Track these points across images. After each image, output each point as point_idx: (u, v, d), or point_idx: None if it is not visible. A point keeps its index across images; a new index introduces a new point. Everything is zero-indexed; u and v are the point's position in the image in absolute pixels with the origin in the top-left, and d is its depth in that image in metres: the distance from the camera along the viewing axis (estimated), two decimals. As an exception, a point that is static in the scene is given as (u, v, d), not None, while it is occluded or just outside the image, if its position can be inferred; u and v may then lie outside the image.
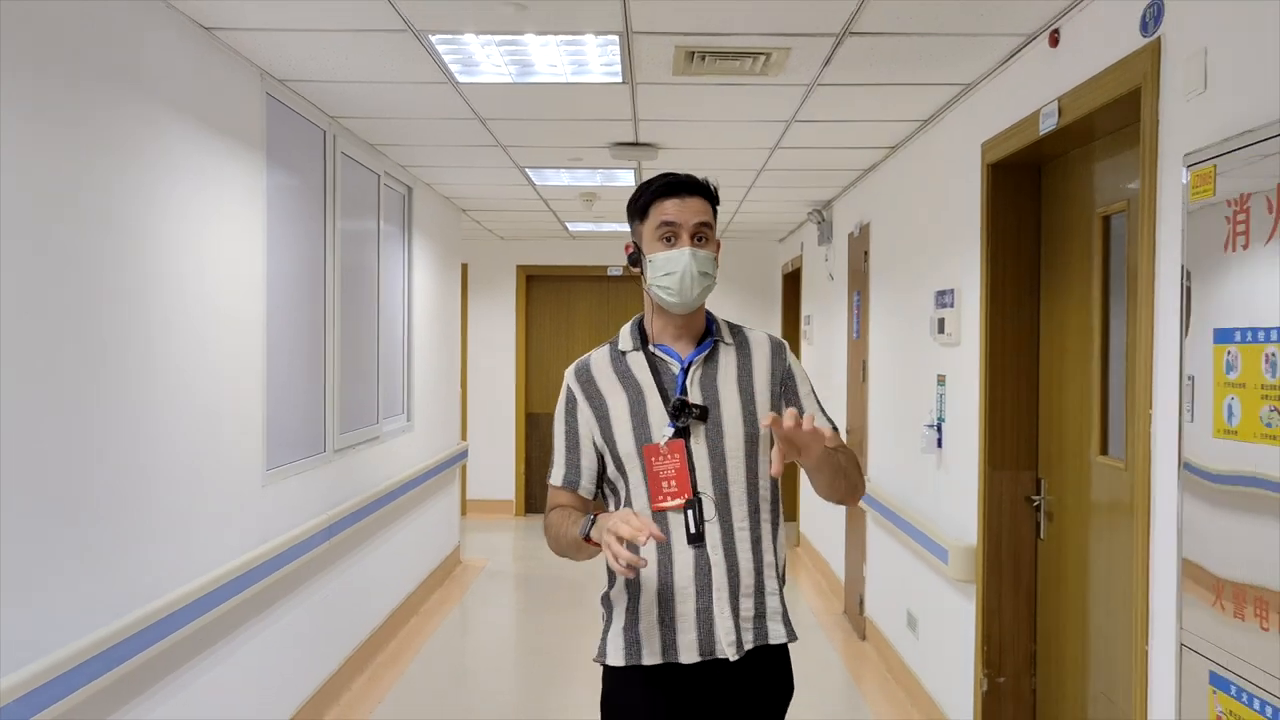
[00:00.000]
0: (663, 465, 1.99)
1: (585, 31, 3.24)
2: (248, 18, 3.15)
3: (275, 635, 3.91)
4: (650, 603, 2.01)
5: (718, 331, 2.12)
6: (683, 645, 1.99)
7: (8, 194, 2.28)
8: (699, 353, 2.07)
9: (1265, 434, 1.93)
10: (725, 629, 1.98)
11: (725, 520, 2.00)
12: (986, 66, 3.55)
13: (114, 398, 2.74)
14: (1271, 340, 1.92)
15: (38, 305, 2.41)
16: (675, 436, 1.99)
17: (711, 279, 2.05)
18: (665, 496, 1.98)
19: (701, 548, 1.98)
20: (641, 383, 2.06)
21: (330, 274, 4.51)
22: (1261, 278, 1.96)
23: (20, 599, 2.33)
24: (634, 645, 2.02)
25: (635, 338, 2.12)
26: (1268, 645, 1.93)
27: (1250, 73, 2.10)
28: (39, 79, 2.40)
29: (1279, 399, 1.89)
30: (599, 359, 2.13)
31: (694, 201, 2.03)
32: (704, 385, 2.05)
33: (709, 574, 1.98)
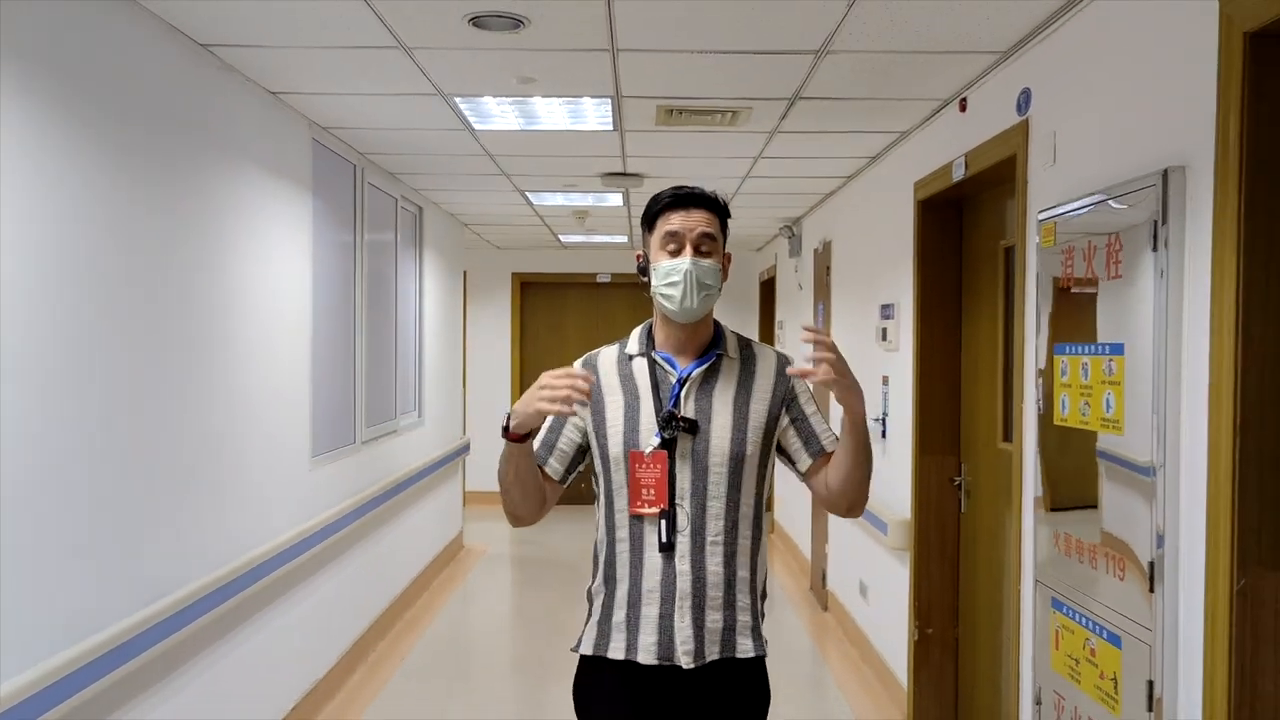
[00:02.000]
0: (645, 473, 2.03)
1: (583, 96, 3.96)
2: (305, 84, 3.85)
3: (319, 599, 4.61)
4: (622, 600, 2.08)
5: (724, 345, 2.15)
6: (642, 646, 2.05)
7: (131, 232, 2.99)
8: (698, 365, 2.10)
9: (1081, 420, 2.66)
10: (684, 637, 2.02)
11: (699, 533, 2.03)
12: (915, 121, 4.29)
13: (202, 393, 3.45)
14: (1083, 353, 2.65)
15: (146, 317, 3.11)
16: (661, 447, 2.02)
17: (713, 289, 2.07)
18: (644, 503, 2.03)
19: (670, 557, 2.03)
20: (640, 388, 2.10)
21: (359, 287, 5.22)
22: (1077, 309, 2.70)
23: (149, 549, 3.03)
24: (604, 638, 2.09)
25: (642, 342, 2.15)
26: (1080, 572, 2.67)
27: (1080, 155, 2.83)
28: (151, 139, 3.11)
29: (1088, 394, 2.63)
30: (607, 356, 2.17)
31: (699, 213, 2.07)
32: (699, 399, 2.07)
33: (674, 583, 2.03)
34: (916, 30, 3.11)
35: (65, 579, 2.59)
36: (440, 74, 3.66)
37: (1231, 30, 2.08)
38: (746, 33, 3.17)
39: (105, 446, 2.78)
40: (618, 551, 2.08)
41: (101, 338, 2.76)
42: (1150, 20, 2.46)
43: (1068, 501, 2.79)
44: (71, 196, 2.62)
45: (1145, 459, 2.36)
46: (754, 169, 5.49)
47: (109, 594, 2.79)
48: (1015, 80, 3.30)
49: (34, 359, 2.46)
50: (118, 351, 2.85)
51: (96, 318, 2.74)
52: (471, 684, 5.37)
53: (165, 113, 3.13)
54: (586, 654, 2.13)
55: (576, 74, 3.65)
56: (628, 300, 10.32)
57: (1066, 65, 2.95)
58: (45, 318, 2.51)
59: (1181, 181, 2.27)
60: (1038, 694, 2.95)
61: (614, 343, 2.21)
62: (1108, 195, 2.55)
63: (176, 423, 3.22)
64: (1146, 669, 2.34)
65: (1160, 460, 2.31)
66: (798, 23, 3.06)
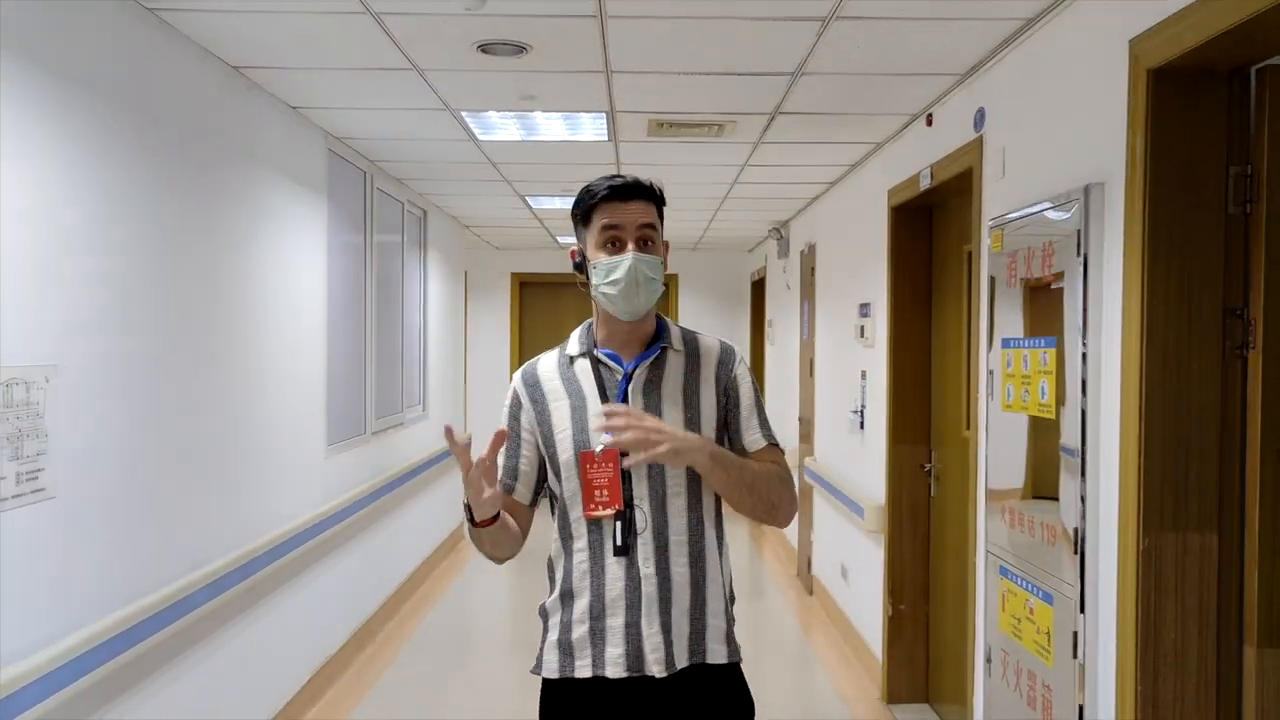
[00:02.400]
0: (596, 473, 1.94)
1: (580, 111, 4.29)
2: (324, 100, 4.17)
3: (333, 578, 4.94)
4: (583, 613, 1.97)
5: (667, 337, 2.05)
6: (610, 659, 1.94)
7: (174, 240, 3.31)
8: (642, 359, 2.01)
9: (1022, 407, 3.00)
10: (653, 644, 1.93)
11: (660, 533, 1.95)
12: (888, 133, 4.62)
13: (232, 385, 3.78)
14: (1023, 346, 2.99)
15: (185, 316, 3.44)
16: (612, 445, 1.91)
17: (658, 283, 1.98)
18: (597, 505, 1.94)
19: (632, 560, 1.94)
20: (584, 388, 2.01)
21: (369, 286, 5.54)
22: (1017, 308, 3.03)
23: (184, 527, 3.35)
24: (567, 657, 1.98)
25: (583, 342, 2.06)
26: (1021, 541, 3.00)
27: (1024, 169, 3.16)
28: (188, 151, 3.44)
29: (1028, 383, 2.96)
30: (547, 363, 2.08)
31: (637, 205, 1.95)
32: (646, 393, 1.99)
33: (638, 588, 1.94)
34: (882, 54, 3.44)
35: (121, 550, 2.92)
36: (449, 92, 3.99)
37: (1138, 67, 2.41)
38: (728, 56, 3.50)
39: (152, 433, 3.11)
40: (575, 563, 1.99)
41: (151, 336, 3.09)
42: (1077, 53, 2.79)
43: (1013, 479, 3.12)
44: (124, 205, 2.94)
45: (1072, 441, 2.70)
46: (741, 175, 5.82)
47: (155, 564, 3.12)
48: (973, 100, 3.63)
49: (96, 358, 2.78)
50: (163, 348, 3.18)
51: (147, 318, 3.07)
52: (473, 662, 5.70)
53: (201, 127, 3.46)
54: (550, 677, 2.01)
55: (574, 92, 3.98)
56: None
57: (1014, 88, 3.28)
58: (109, 320, 2.83)
59: (1100, 196, 2.60)
60: (988, 653, 3.28)
61: (552, 349, 2.11)
62: (1044, 206, 2.88)
63: (210, 412, 3.54)
64: (1073, 622, 2.67)
65: (1083, 441, 2.64)
66: (774, 48, 3.39)
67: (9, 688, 2.31)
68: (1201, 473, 2.38)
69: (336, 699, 4.75)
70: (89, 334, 2.75)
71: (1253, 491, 2.33)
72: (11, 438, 2.38)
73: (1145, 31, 2.39)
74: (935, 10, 2.97)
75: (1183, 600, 2.40)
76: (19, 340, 2.43)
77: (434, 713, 4.76)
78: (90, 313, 2.76)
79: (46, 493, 2.53)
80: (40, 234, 2.53)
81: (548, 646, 2.03)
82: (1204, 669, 2.39)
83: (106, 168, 2.84)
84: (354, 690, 4.90)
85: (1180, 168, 2.37)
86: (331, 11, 3.02)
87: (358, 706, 4.69)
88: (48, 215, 2.56)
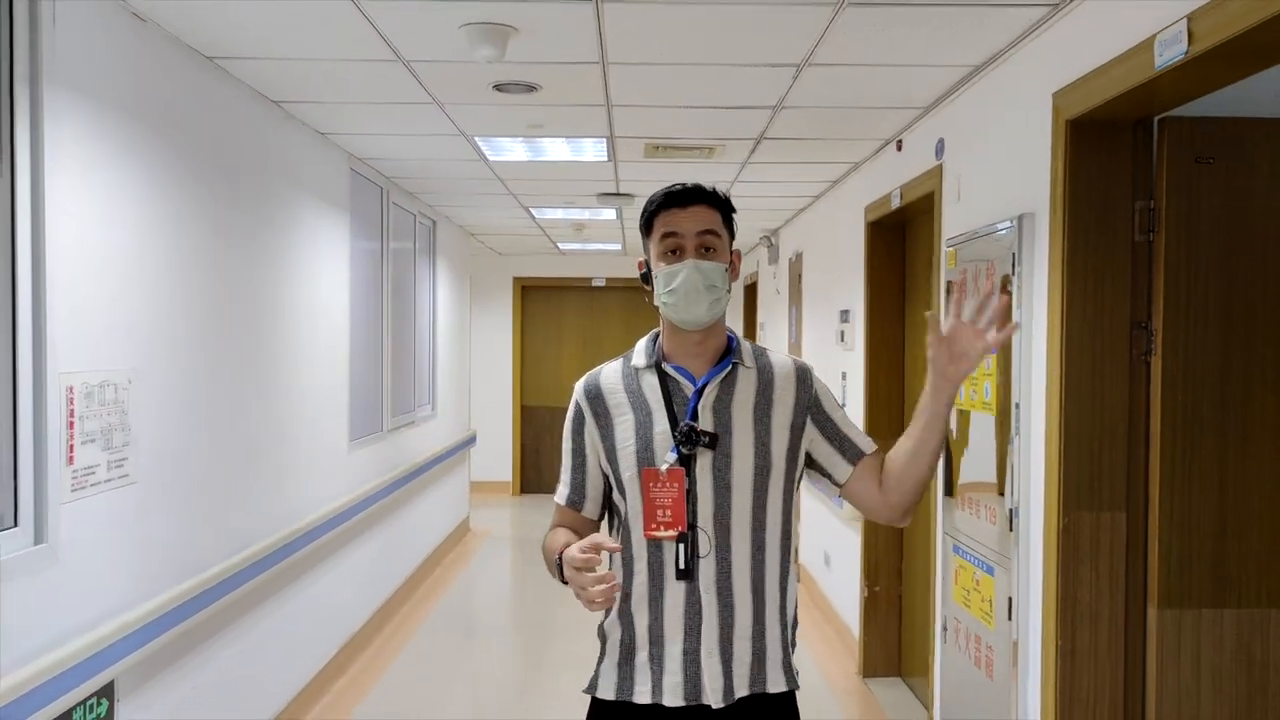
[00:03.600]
0: (659, 492, 1.87)
1: (583, 136, 4.72)
2: (349, 128, 4.60)
3: (355, 562, 5.37)
4: (643, 638, 1.92)
5: (738, 353, 1.99)
6: (668, 687, 1.89)
7: (222, 257, 3.75)
8: (715, 374, 1.95)
9: (971, 403, 3.43)
10: (712, 674, 1.88)
11: (724, 557, 1.88)
12: (863, 155, 5.05)
13: (271, 384, 4.20)
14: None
15: (233, 324, 3.87)
16: (678, 464, 1.87)
17: (721, 292, 1.92)
18: (659, 526, 1.88)
19: (693, 585, 1.88)
20: (651, 403, 1.94)
21: (385, 294, 5.97)
22: (969, 317, 3.46)
23: (227, 510, 3.78)
24: (627, 681, 1.93)
25: (650, 354, 2.00)
26: (970, 521, 3.44)
27: (975, 196, 3.60)
28: (234, 175, 3.87)
29: (975, 383, 3.39)
30: (610, 374, 2.02)
31: (698, 210, 1.93)
32: (717, 410, 1.92)
33: (699, 613, 1.88)
34: (853, 91, 3.87)
35: (185, 530, 3.34)
36: (464, 121, 4.42)
37: (1059, 117, 2.85)
38: (715, 93, 3.93)
39: (209, 428, 3.54)
40: (635, 583, 1.93)
41: (208, 343, 3.52)
42: (1014, 100, 3.22)
43: (967, 469, 3.55)
44: (186, 228, 3.37)
45: (1009, 433, 3.13)
46: (731, 190, 6.25)
47: (213, 543, 3.54)
48: (935, 130, 4.06)
49: (166, 363, 3.21)
50: (217, 354, 3.61)
51: (205, 327, 3.49)
52: (483, 641, 6.14)
53: (247, 156, 3.88)
54: (606, 698, 1.96)
55: (578, 121, 4.41)
56: (621, 302, 11.09)
57: (966, 124, 3.71)
58: (176, 330, 3.26)
59: (1031, 224, 3.03)
60: (944, 623, 3.71)
61: (615, 359, 2.05)
62: (988, 230, 3.32)
63: (254, 411, 3.97)
64: (1009, 588, 3.11)
65: (1017, 433, 3.08)
66: (756, 88, 3.82)
67: (105, 641, 2.73)
68: (1112, 460, 2.82)
69: (360, 674, 5.18)
70: (160, 342, 3.17)
71: (1154, 477, 2.76)
72: (104, 431, 2.81)
73: (1064, 87, 2.82)
74: (893, 59, 3.40)
75: (1096, 568, 2.83)
76: (107, 347, 2.85)
77: (448, 688, 5.20)
78: (161, 323, 3.18)
79: (130, 479, 2.96)
80: (121, 253, 2.95)
81: (605, 668, 1.98)
82: (1114, 625, 2.83)
83: (171, 200, 3.27)
84: (375, 665, 5.33)
85: (1094, 202, 2.80)
86: (367, 59, 3.44)
87: (379, 681, 5.12)
88: (127, 240, 2.99)
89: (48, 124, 2.54)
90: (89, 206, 2.76)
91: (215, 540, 3.58)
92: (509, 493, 11.15)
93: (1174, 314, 2.74)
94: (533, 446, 11.15)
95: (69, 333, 2.64)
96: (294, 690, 4.44)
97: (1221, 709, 2.77)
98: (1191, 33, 2.19)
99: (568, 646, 5.63)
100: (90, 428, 2.74)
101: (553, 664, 5.44)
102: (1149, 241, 2.79)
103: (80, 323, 2.70)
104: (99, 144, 2.81)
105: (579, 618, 2.74)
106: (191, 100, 3.40)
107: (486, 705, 5.04)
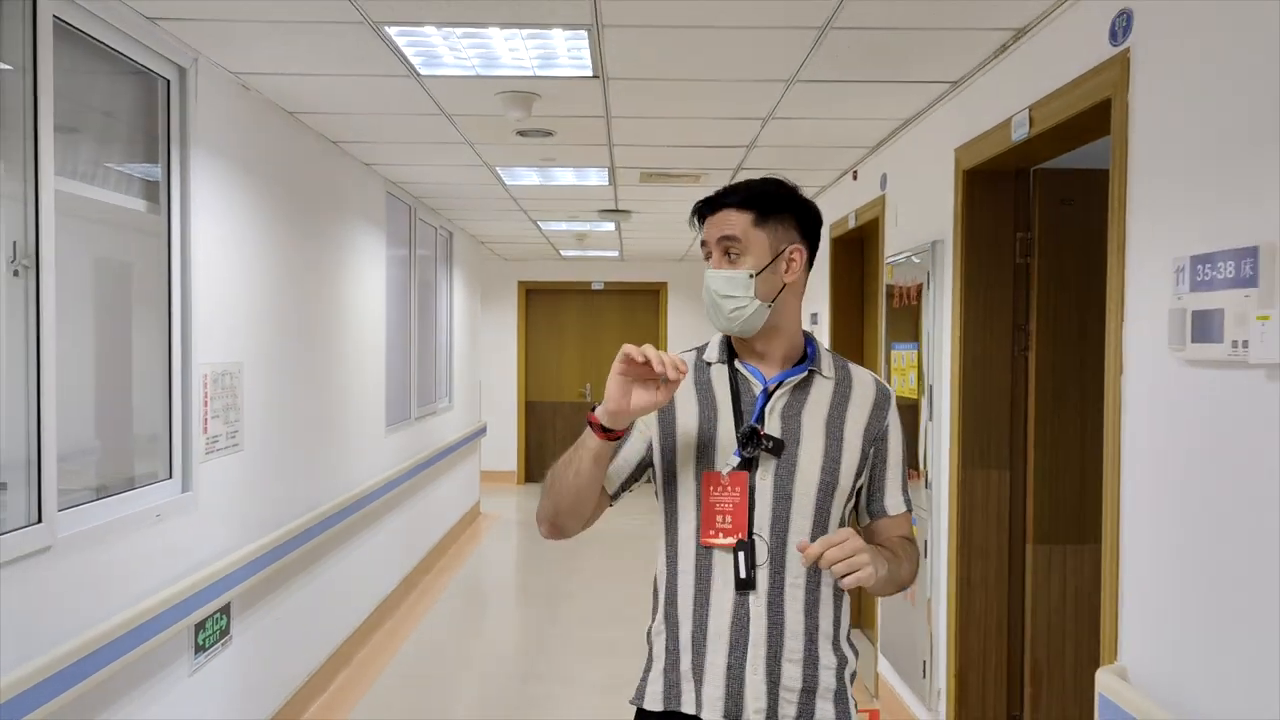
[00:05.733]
0: (720, 497, 1.78)
1: (588, 167, 5.58)
2: (389, 159, 5.45)
3: (388, 532, 6.22)
4: (686, 645, 1.82)
5: (816, 360, 1.88)
6: (707, 699, 1.79)
7: (298, 272, 4.60)
8: (786, 376, 1.84)
9: (902, 391, 4.29)
10: (754, 693, 1.77)
11: (778, 572, 1.77)
12: (827, 182, 5.91)
13: (330, 376, 5.05)
14: (901, 349, 4.27)
15: (303, 326, 4.71)
16: (740, 467, 1.78)
17: (742, 301, 1.79)
18: (717, 532, 1.77)
19: (745, 595, 1.77)
20: (718, 399, 1.85)
21: (412, 298, 6.81)
22: (901, 321, 4.32)
23: (301, 477, 4.61)
24: (672, 688, 1.83)
25: (722, 349, 1.90)
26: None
27: (908, 223, 4.44)
28: (304, 203, 4.71)
29: (904, 374, 4.24)
30: (684, 360, 1.82)
31: (723, 214, 1.85)
32: (785, 416, 1.82)
33: (746, 625, 1.78)
34: (812, 134, 4.72)
35: (275, 489, 4.18)
36: (489, 156, 5.27)
37: (958, 167, 3.70)
38: (699, 136, 4.78)
39: (289, 409, 4.38)
40: (680, 586, 1.83)
41: (289, 341, 4.36)
42: (930, 149, 4.07)
43: (896, 442, 4.42)
44: (273, 249, 4.21)
45: (926, 413, 3.98)
46: (717, 207, 7.09)
47: (289, 502, 4.39)
48: (880, 166, 4.91)
49: (261, 357, 4.05)
50: (294, 350, 4.45)
51: (286, 328, 4.33)
52: (497, 609, 7.00)
53: (311, 185, 4.73)
54: (654, 709, 1.84)
55: (584, 156, 5.26)
56: (619, 304, 11.93)
57: (902, 164, 4.56)
58: (267, 330, 4.10)
59: (941, 249, 3.88)
60: (884, 569, 4.56)
61: (690, 349, 1.94)
62: (911, 253, 4.17)
63: (319, 396, 4.82)
64: (926, 535, 3.96)
65: (933, 414, 3.93)
66: (732, 132, 4.66)
67: (221, 572, 3.57)
68: (998, 431, 3.67)
69: (393, 629, 6.03)
70: (256, 340, 4.01)
71: (1030, 443, 3.61)
72: (226, 409, 3.65)
73: (962, 145, 3.67)
74: (837, 114, 4.25)
75: (986, 514, 3.68)
76: (225, 344, 3.69)
77: (467, 645, 6.04)
78: (257, 325, 4.02)
79: (240, 447, 3.80)
80: (232, 271, 3.79)
81: (652, 676, 1.87)
82: (1000, 558, 3.68)
83: (263, 227, 4.11)
84: (405, 624, 6.18)
85: (985, 233, 3.65)
86: (418, 114, 4.29)
87: (408, 639, 5.96)
88: (236, 260, 3.83)
89: (192, 176, 3.39)
90: (215, 237, 3.61)
91: (296, 500, 4.42)
92: (514, 482, 11.99)
93: (1044, 319, 3.59)
94: (536, 439, 12.00)
95: (204, 333, 3.49)
96: (347, 632, 5.29)
97: (1081, 623, 3.62)
98: (1032, 119, 3.04)
99: (574, 609, 6.48)
100: (217, 406, 3.58)
101: (566, 620, 6.29)
102: (1027, 264, 3.64)
103: (210, 325, 3.55)
104: (220, 188, 3.65)
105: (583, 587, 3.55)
106: (276, 145, 4.24)
107: (504, 658, 5.89)
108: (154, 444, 3.34)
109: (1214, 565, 2.10)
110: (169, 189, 3.31)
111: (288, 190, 4.41)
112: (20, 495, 2.54)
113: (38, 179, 2.54)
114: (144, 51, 3.13)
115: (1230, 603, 2.04)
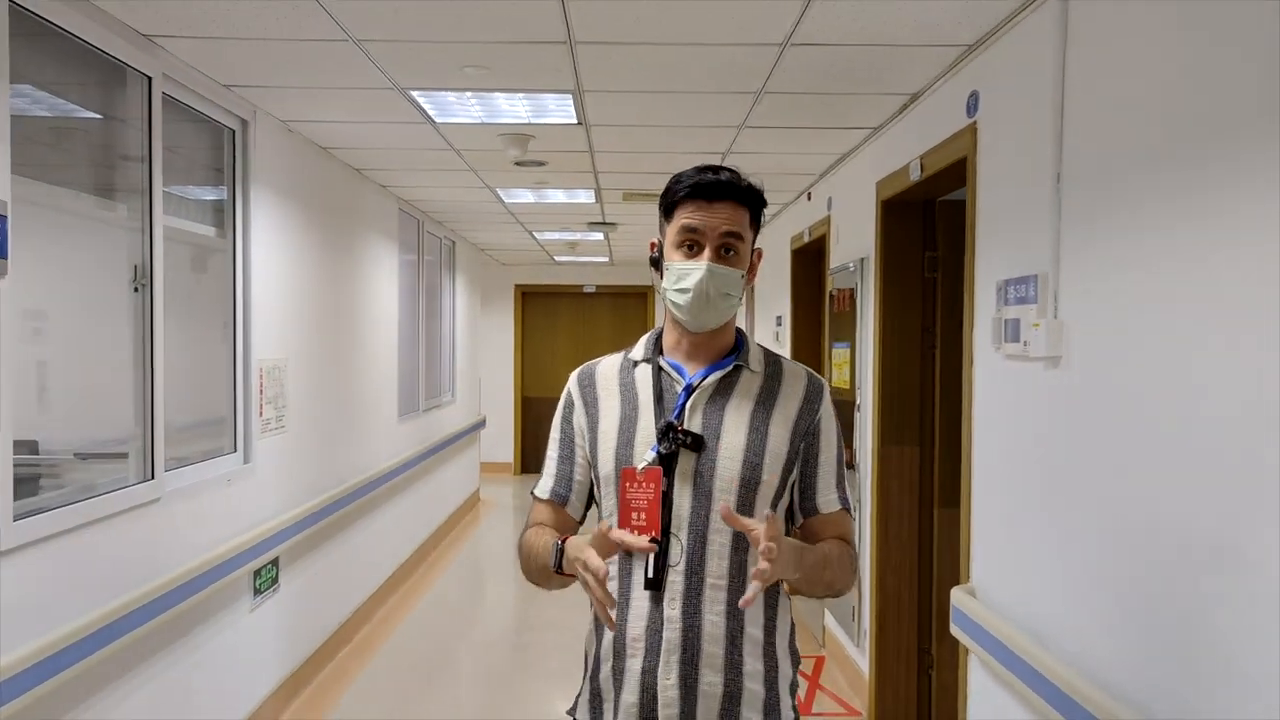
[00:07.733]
0: (635, 494, 1.70)
1: (577, 188, 6.38)
2: (403, 182, 6.24)
3: (399, 512, 7.01)
4: (608, 651, 1.78)
5: (744, 355, 1.83)
6: (624, 706, 1.74)
7: (331, 282, 5.40)
8: (709, 373, 1.80)
9: (838, 384, 5.09)
10: (667, 699, 1.71)
11: (696, 573, 1.71)
12: (786, 202, 6.72)
13: (354, 370, 5.85)
14: (838, 347, 5.08)
15: (335, 326, 5.51)
16: (656, 463, 1.72)
17: (734, 300, 1.77)
18: (633, 529, 1.68)
19: (658, 598, 1.72)
20: (640, 399, 1.81)
21: (420, 301, 7.61)
22: (839, 323, 5.12)
23: (331, 456, 5.40)
24: (596, 697, 1.81)
25: (649, 348, 1.87)
26: (840, 463, 5.11)
27: (846, 240, 5.24)
28: (334, 221, 5.51)
29: (840, 370, 5.05)
30: (607, 365, 1.90)
31: (724, 207, 1.75)
32: (707, 412, 1.78)
33: (659, 630, 1.72)
34: (768, 164, 5.51)
35: (309, 466, 4.97)
36: (491, 180, 6.07)
37: (879, 197, 4.50)
38: (670, 165, 5.53)
39: (322, 398, 5.17)
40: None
41: (322, 339, 5.15)
42: (859, 180, 4.87)
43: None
44: (309, 260, 5.00)
45: (857, 401, 4.78)
46: (694, 220, 7.89)
47: (319, 477, 5.18)
48: (828, 190, 5.71)
49: (301, 353, 4.84)
50: (327, 347, 5.24)
51: (321, 328, 5.12)
52: (496, 576, 7.81)
53: (340, 207, 5.52)
54: (583, 719, 1.85)
55: (573, 180, 6.06)
56: (609, 306, 12.72)
57: (842, 190, 5.37)
58: (304, 329, 4.89)
59: (867, 265, 4.68)
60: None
61: (618, 352, 1.93)
62: (846, 265, 4.97)
63: (345, 387, 5.61)
64: (854, 500, 4.76)
65: (860, 401, 4.73)
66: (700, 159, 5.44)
67: (273, 530, 4.35)
68: (909, 414, 4.47)
69: (410, 589, 6.83)
70: (297, 339, 4.80)
71: (936, 423, 4.41)
72: (274, 397, 4.44)
73: (881, 179, 4.48)
74: (784, 150, 5.05)
75: (900, 481, 4.49)
76: (275, 341, 4.48)
77: (469, 615, 6.83)
78: (298, 327, 4.82)
79: (285, 429, 4.60)
80: (280, 283, 4.58)
81: (583, 685, 1.86)
82: (912, 519, 4.49)
83: (303, 244, 4.90)
84: (420, 585, 6.97)
85: (899, 252, 4.45)
86: (432, 149, 5.09)
87: (423, 597, 6.76)
88: (283, 272, 4.62)
89: (253, 207, 4.18)
90: (268, 255, 4.40)
91: (327, 474, 5.22)
92: (510, 472, 12.79)
93: (946, 323, 4.39)
94: (531, 432, 12.78)
95: (260, 333, 4.28)
96: (370, 589, 6.08)
97: (978, 571, 4.42)
98: (923, 165, 3.84)
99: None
100: (269, 394, 4.37)
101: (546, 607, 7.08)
102: (934, 278, 4.44)
103: (264, 327, 4.34)
104: (271, 213, 4.44)
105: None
106: (311, 174, 5.03)
107: (503, 613, 6.68)
108: (222, 424, 4.13)
109: (1021, 509, 2.90)
110: (234, 216, 4.11)
111: (319, 211, 5.20)
112: (136, 461, 3.33)
113: (151, 216, 3.33)
114: (219, 110, 3.92)
115: (1027, 538, 2.84)
